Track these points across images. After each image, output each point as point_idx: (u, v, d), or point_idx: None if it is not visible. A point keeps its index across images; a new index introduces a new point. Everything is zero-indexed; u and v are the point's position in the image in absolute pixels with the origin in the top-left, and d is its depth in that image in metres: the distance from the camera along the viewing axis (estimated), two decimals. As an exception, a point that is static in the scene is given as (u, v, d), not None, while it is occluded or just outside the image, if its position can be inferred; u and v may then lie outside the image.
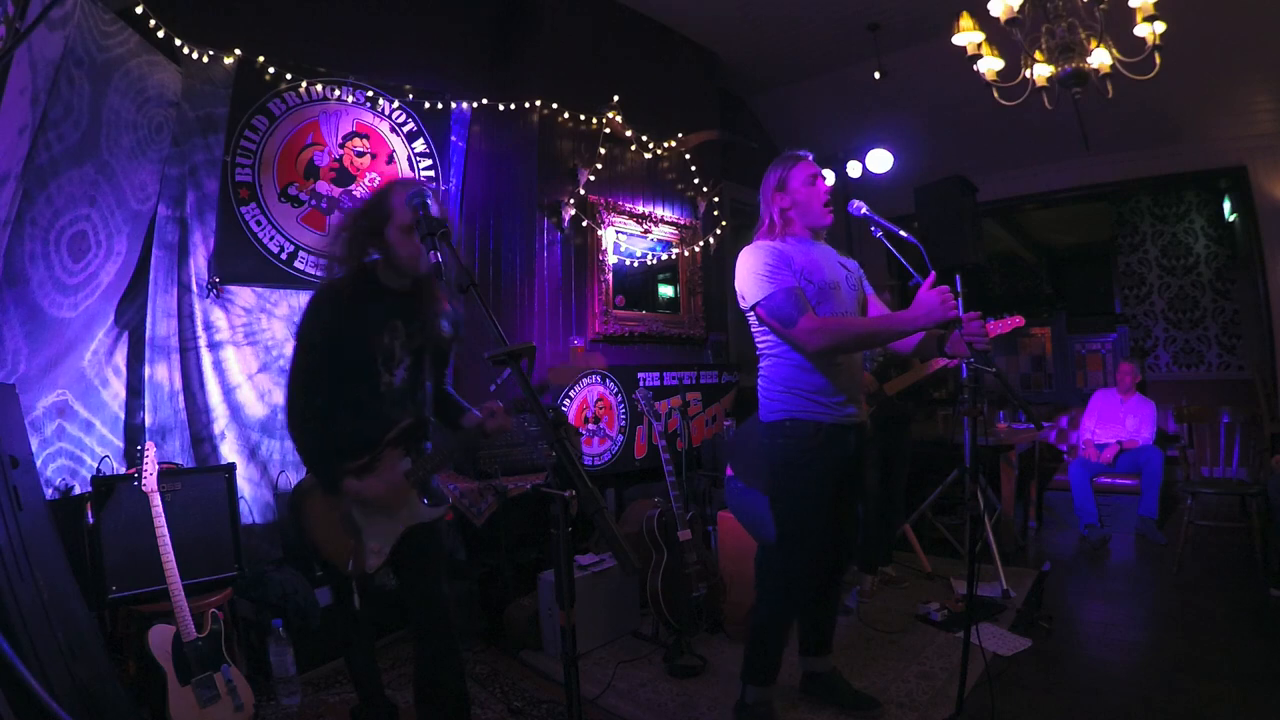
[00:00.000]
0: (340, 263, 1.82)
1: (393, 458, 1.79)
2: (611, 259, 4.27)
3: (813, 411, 2.13)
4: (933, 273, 1.95)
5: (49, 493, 2.40)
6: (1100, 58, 2.95)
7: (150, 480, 2.19)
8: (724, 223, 4.95)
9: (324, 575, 2.00)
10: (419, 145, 3.68)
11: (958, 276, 3.10)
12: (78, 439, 2.64)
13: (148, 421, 2.85)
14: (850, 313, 2.21)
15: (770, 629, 2.26)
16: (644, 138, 4.45)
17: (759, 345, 2.26)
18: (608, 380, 3.95)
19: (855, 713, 2.35)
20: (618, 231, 4.31)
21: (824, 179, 2.23)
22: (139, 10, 2.70)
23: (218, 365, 3.03)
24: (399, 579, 1.92)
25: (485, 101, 3.87)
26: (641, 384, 4.08)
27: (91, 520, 2.35)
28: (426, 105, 3.67)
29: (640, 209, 4.47)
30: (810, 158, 2.24)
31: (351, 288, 1.78)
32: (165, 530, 2.17)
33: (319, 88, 3.32)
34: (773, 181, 2.23)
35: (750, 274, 2.13)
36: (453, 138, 3.82)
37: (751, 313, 2.19)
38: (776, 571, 2.25)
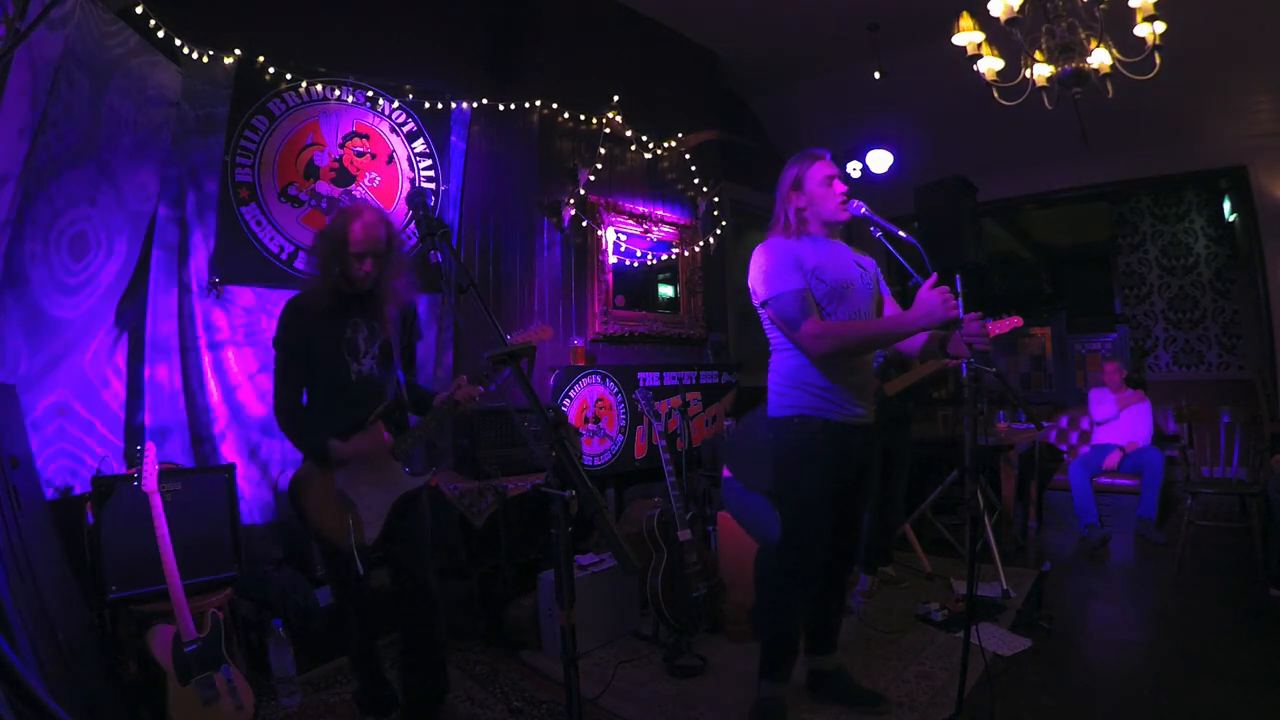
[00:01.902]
0: (312, 278, 2.15)
1: (376, 430, 2.03)
2: (611, 259, 4.28)
3: (821, 409, 2.12)
4: (934, 273, 1.95)
5: (49, 493, 2.40)
6: (1100, 58, 2.95)
7: (150, 480, 2.19)
8: (724, 223, 4.95)
9: (325, 559, 2.16)
10: (419, 145, 3.68)
11: (958, 276, 3.10)
12: (78, 439, 2.64)
13: (148, 421, 2.85)
14: (865, 313, 2.20)
15: (781, 629, 2.24)
16: (644, 138, 4.45)
17: (771, 339, 2.26)
18: (608, 380, 3.95)
19: (861, 709, 2.34)
20: (618, 231, 4.32)
21: (840, 179, 2.20)
22: (139, 10, 2.71)
23: (218, 365, 3.03)
24: (388, 551, 2.10)
25: (485, 101, 3.87)
26: (641, 384, 4.08)
27: (91, 520, 2.35)
28: (426, 105, 3.67)
29: (640, 209, 4.47)
30: (828, 157, 2.22)
31: (315, 298, 2.06)
32: (165, 530, 2.17)
33: (319, 88, 3.32)
34: (789, 179, 2.21)
35: (761, 272, 2.14)
36: (453, 138, 3.82)
37: (763, 309, 2.20)
38: (780, 570, 2.23)
